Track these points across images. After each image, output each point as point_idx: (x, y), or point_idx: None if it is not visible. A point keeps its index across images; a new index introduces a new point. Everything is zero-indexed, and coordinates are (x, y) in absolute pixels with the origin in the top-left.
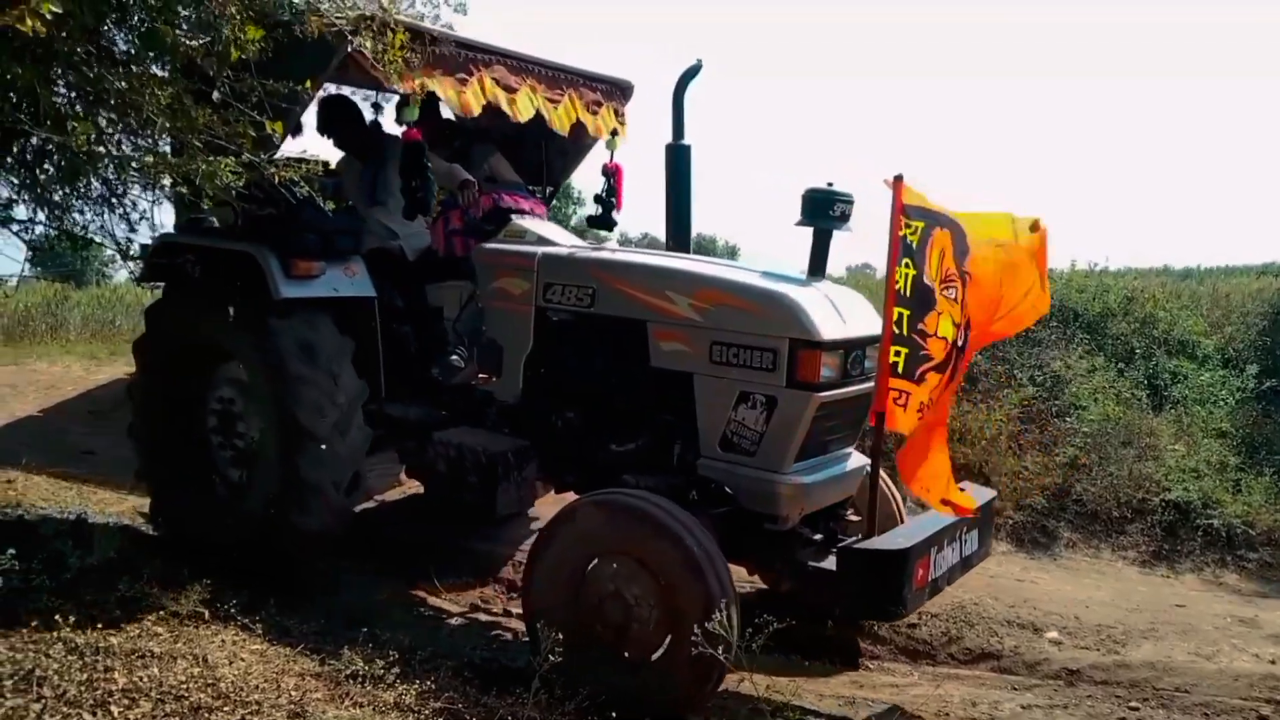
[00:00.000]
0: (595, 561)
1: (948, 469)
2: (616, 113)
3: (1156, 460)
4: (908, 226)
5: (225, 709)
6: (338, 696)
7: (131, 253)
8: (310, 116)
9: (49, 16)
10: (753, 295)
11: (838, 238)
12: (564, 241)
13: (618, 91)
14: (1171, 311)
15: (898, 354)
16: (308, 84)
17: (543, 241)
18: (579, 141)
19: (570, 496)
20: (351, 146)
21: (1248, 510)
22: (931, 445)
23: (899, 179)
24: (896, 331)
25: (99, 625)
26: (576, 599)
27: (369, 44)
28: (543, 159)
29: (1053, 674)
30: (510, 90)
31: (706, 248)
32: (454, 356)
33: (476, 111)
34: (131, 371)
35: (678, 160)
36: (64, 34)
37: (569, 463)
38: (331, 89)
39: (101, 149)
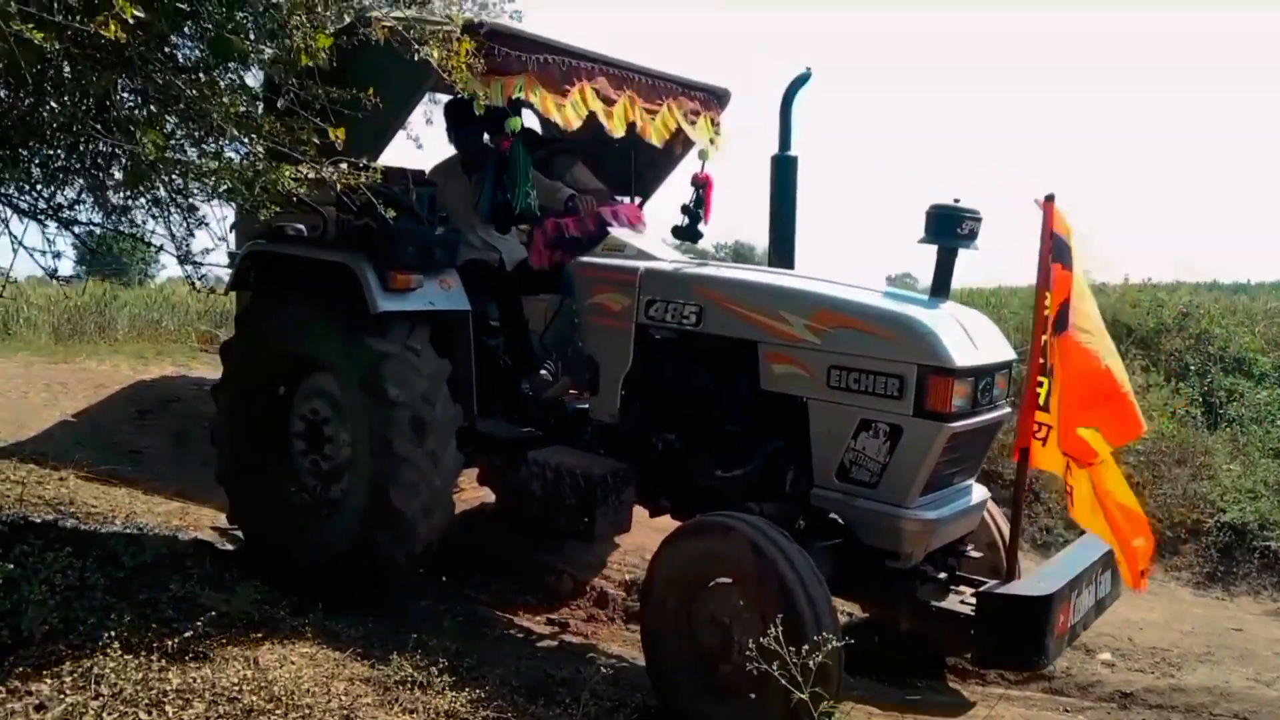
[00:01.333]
0: (726, 582)
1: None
2: (713, 122)
3: (1212, 480)
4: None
5: (278, 712)
6: (387, 702)
7: (193, 258)
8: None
9: (130, 21)
10: (877, 318)
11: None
12: (665, 256)
13: (714, 100)
14: (1227, 328)
15: (1040, 385)
16: (370, 91)
17: (643, 255)
18: (671, 152)
19: (665, 520)
20: (467, 153)
21: None
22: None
23: (1050, 199)
24: (1042, 362)
25: (153, 625)
26: (690, 601)
27: (436, 52)
28: (630, 169)
29: (1106, 696)
30: (609, 102)
31: (746, 255)
32: (543, 371)
33: (576, 126)
34: (180, 372)
35: (783, 172)
36: (138, 40)
37: (669, 486)
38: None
39: (167, 154)
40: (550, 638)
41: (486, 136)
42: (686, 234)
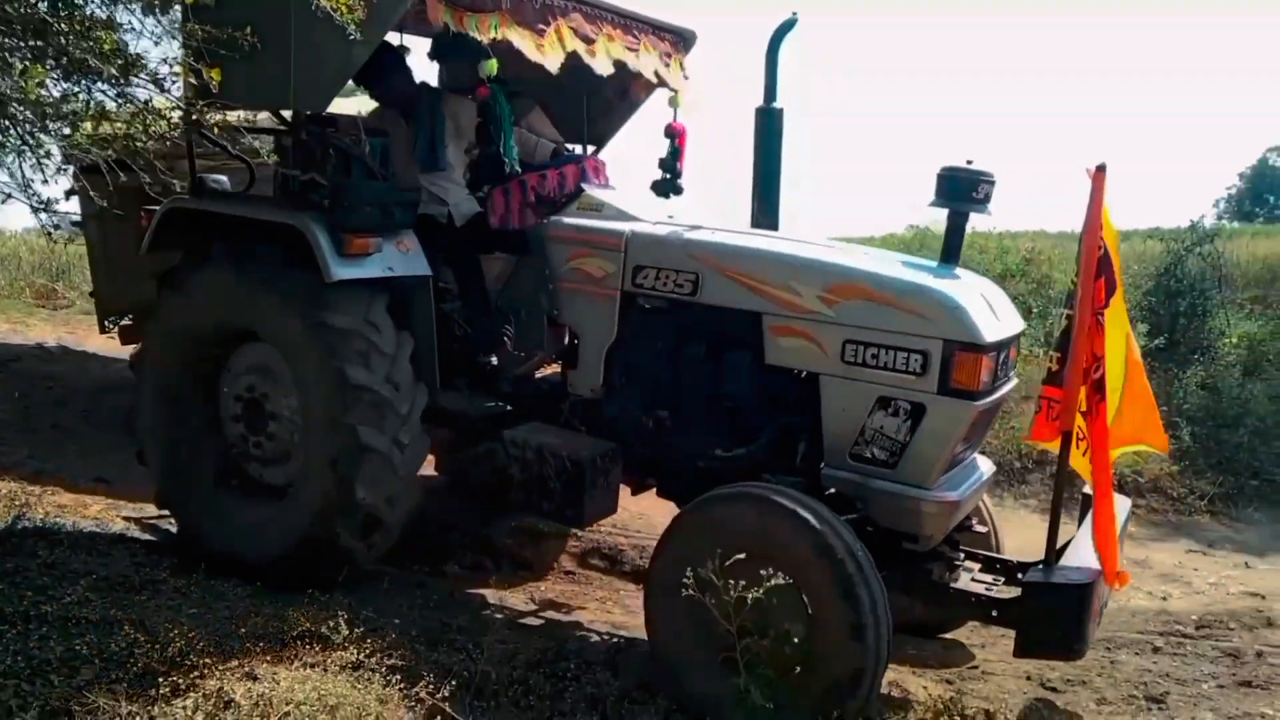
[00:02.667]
0: (755, 561)
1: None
2: (681, 66)
3: None
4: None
5: (174, 675)
6: (288, 657)
7: (51, 206)
8: None
9: None
10: (898, 289)
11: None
12: (647, 216)
13: (681, 42)
14: (1066, 273)
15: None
16: (249, 31)
17: (623, 216)
18: (628, 97)
19: (653, 500)
20: (398, 102)
21: (1137, 460)
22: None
23: (1102, 169)
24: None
25: (27, 593)
26: (714, 575)
27: None
28: (583, 115)
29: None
30: (588, 40)
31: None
32: (506, 339)
33: (556, 67)
34: (15, 330)
35: (768, 125)
36: None
37: (660, 466)
38: None
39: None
40: (440, 588)
41: (436, 76)
42: (664, 189)
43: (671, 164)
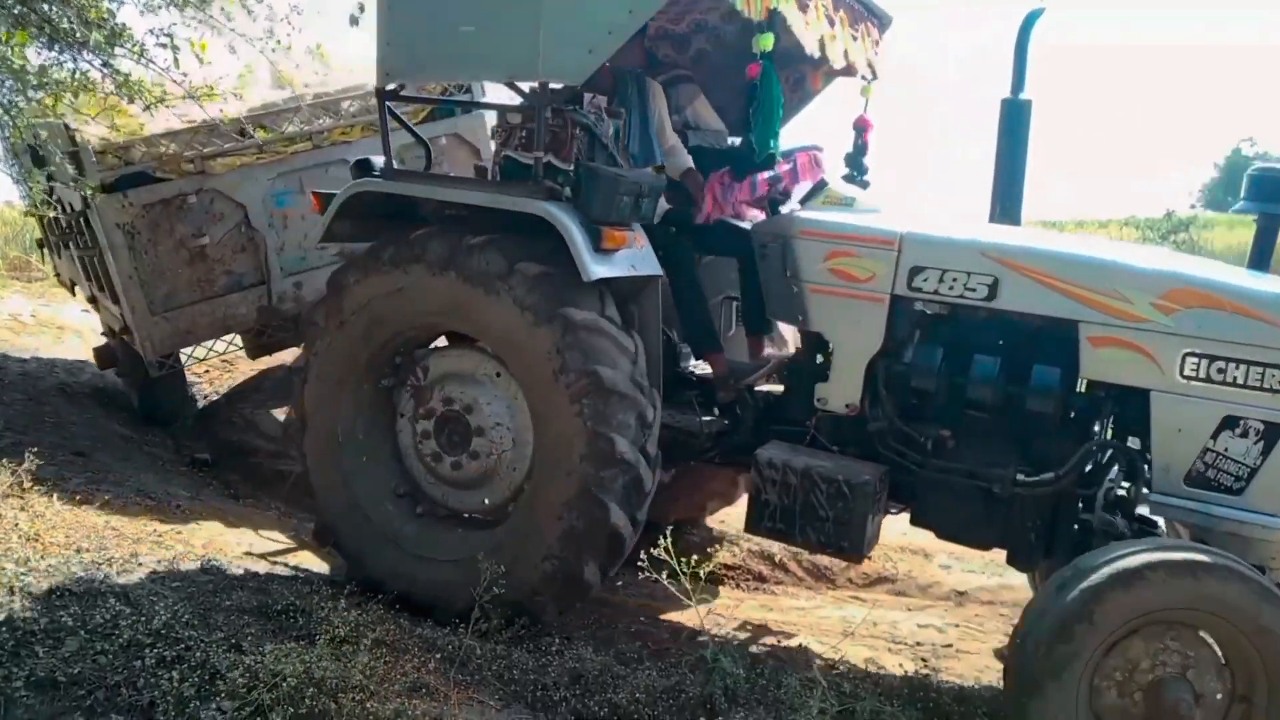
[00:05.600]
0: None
1: None
2: (878, 52)
3: None
4: None
5: (159, 646)
6: (273, 630)
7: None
8: None
9: None
10: (1249, 296)
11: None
12: (897, 213)
13: (879, 25)
14: None
15: None
16: None
17: (877, 213)
18: (804, 87)
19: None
20: (626, 80)
21: None
22: None
23: None
24: None
25: (8, 565)
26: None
27: None
28: (746, 105)
29: (944, 595)
30: (831, 24)
31: None
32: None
33: (817, 51)
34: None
35: (1014, 118)
36: None
37: (937, 491)
38: None
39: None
40: None
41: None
42: (853, 184)
43: (858, 160)
